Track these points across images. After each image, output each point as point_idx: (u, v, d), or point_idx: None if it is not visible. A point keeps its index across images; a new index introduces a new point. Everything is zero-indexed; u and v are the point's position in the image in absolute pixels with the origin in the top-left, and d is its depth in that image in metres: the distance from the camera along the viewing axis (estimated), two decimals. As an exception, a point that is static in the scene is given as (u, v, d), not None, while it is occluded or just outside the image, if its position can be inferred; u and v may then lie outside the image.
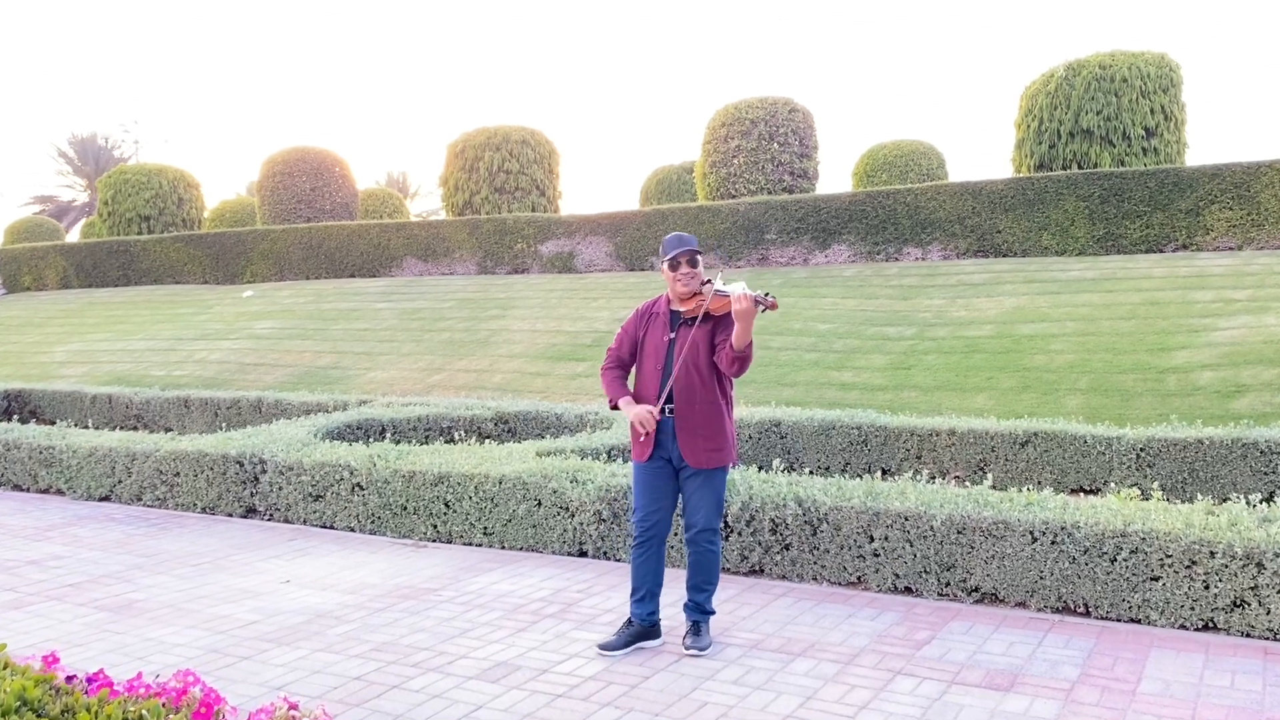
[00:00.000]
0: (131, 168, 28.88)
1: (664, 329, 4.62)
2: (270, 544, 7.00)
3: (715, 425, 4.56)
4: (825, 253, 18.63)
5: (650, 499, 4.67)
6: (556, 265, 20.86)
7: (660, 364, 4.59)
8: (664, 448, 4.63)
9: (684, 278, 4.53)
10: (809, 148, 21.13)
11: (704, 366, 4.53)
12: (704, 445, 4.55)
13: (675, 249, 4.54)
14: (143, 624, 5.21)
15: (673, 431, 4.58)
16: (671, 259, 4.55)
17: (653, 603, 4.73)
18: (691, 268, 4.54)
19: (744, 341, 4.32)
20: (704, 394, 4.54)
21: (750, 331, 4.32)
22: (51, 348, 19.69)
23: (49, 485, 8.91)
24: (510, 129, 23.35)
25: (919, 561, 5.53)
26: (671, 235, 4.62)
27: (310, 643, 4.90)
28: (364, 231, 23.03)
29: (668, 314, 4.66)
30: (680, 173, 30.01)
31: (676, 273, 4.55)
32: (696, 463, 4.55)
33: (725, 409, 4.62)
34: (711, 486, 4.62)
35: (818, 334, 14.01)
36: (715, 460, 4.58)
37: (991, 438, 8.53)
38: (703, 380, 4.54)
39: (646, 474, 4.67)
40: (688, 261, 4.54)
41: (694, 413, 4.53)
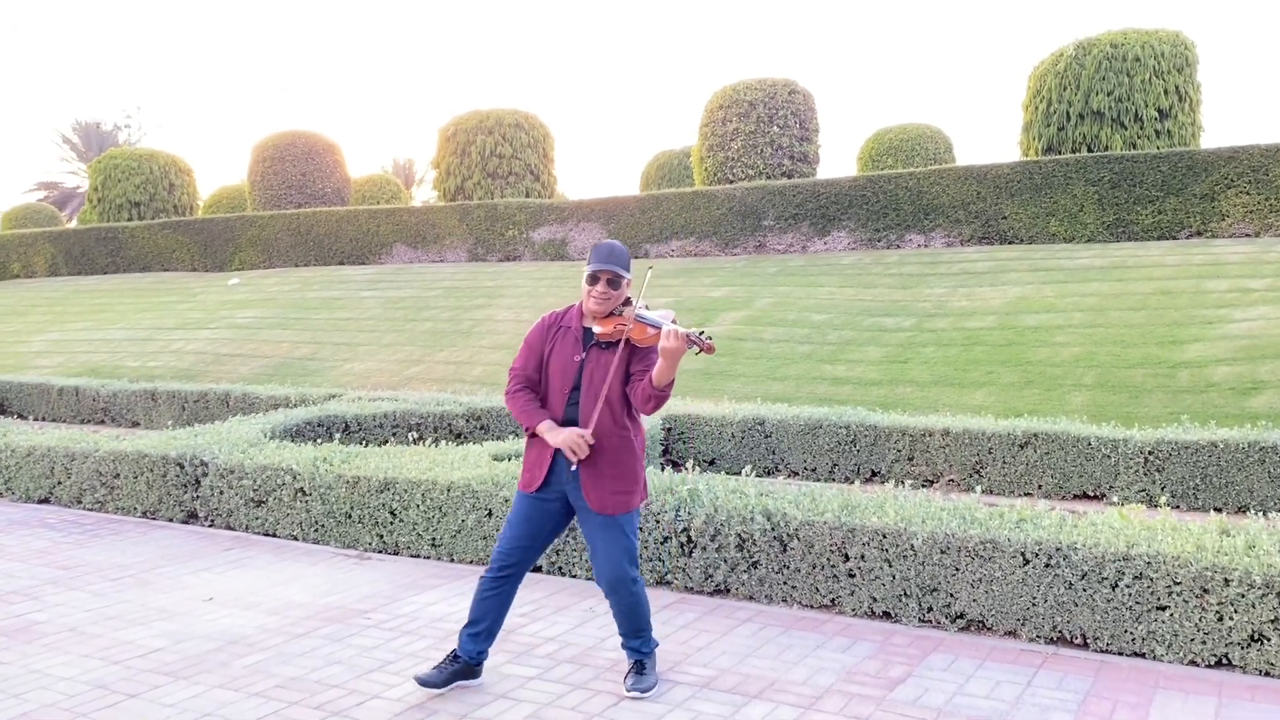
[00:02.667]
0: (121, 152, 28.38)
1: (574, 347, 4.00)
2: (205, 554, 6.48)
3: (625, 465, 3.99)
4: (824, 240, 18.03)
5: (523, 533, 4.07)
6: (549, 252, 20.29)
7: (568, 387, 3.98)
8: (560, 484, 4.03)
9: (599, 297, 3.92)
10: (809, 131, 20.50)
11: (616, 397, 3.94)
12: (611, 487, 3.95)
13: (596, 263, 3.93)
14: (35, 652, 4.70)
15: (575, 470, 3.97)
16: (590, 273, 3.95)
17: (488, 641, 4.17)
18: (610, 289, 3.92)
19: (665, 380, 3.78)
20: (614, 428, 3.95)
21: (675, 370, 3.78)
22: (30, 337, 19.23)
23: (-13, 486, 8.41)
24: (503, 112, 22.76)
25: (898, 584, 4.98)
26: (604, 243, 4.00)
27: (212, 676, 4.37)
28: (353, 218, 22.50)
29: (579, 331, 4.03)
30: (681, 157, 29.42)
31: (593, 288, 3.94)
32: (602, 508, 3.94)
33: (637, 446, 4.05)
34: (621, 532, 4.00)
35: (812, 325, 13.44)
36: (623, 504, 3.99)
37: (988, 439, 7.96)
38: (613, 412, 3.94)
39: (530, 507, 4.07)
40: (607, 282, 3.92)
41: (602, 449, 3.93)
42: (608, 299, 3.92)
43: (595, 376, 3.92)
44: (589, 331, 4.00)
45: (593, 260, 3.95)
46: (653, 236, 19.38)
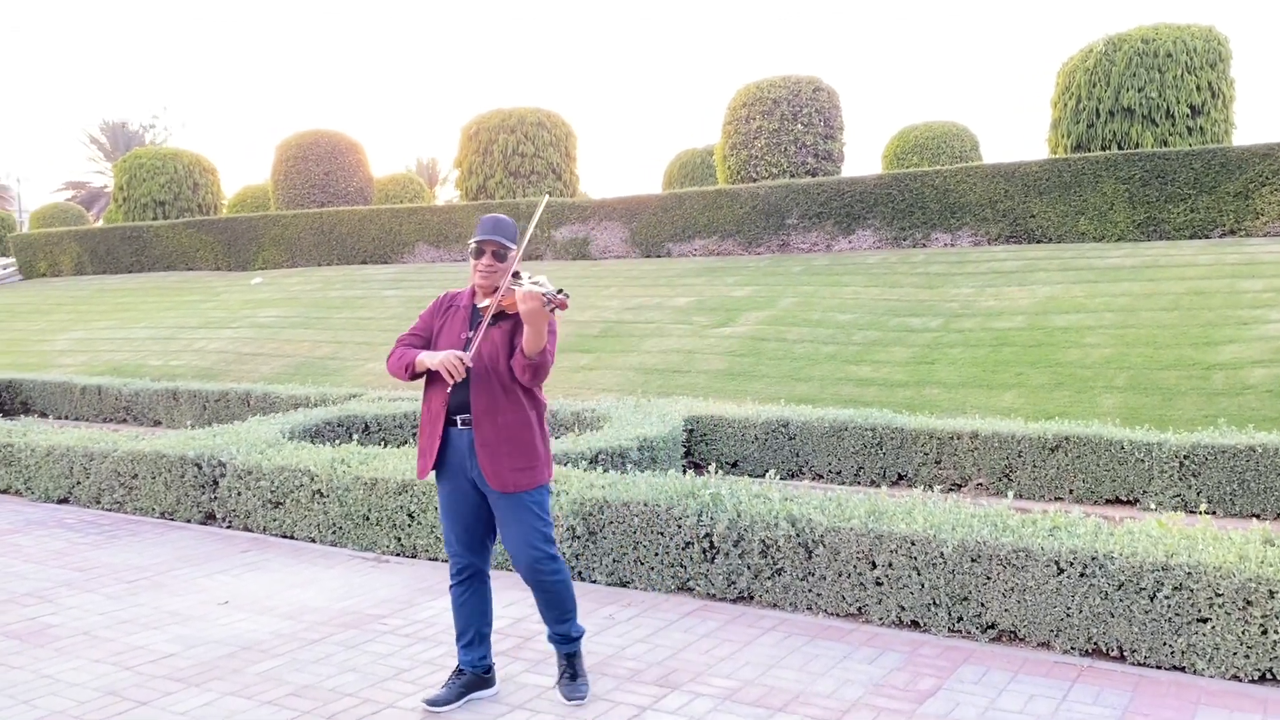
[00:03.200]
0: (146, 151, 28.51)
1: (463, 325, 3.89)
2: (221, 556, 6.41)
3: (522, 440, 3.83)
4: (849, 238, 17.83)
5: (454, 529, 3.97)
6: (570, 251, 20.19)
7: None
8: (462, 468, 3.89)
9: (484, 270, 3.81)
10: (834, 129, 20.29)
11: (504, 372, 3.81)
12: (509, 464, 3.80)
13: (480, 234, 3.83)
14: (47, 656, 4.63)
15: (470, 447, 3.84)
16: (475, 245, 3.83)
17: (483, 646, 4.08)
18: (496, 261, 3.81)
19: (535, 346, 3.63)
20: (507, 404, 3.81)
21: (543, 335, 3.62)
22: (55, 336, 19.32)
23: (8, 485, 8.39)
24: (525, 110, 22.67)
25: (927, 593, 4.83)
26: (490, 216, 3.93)
27: (225, 683, 4.29)
28: (375, 217, 22.48)
29: (469, 308, 3.93)
30: (704, 156, 29.26)
31: (478, 261, 3.82)
32: (502, 485, 3.80)
33: (535, 420, 3.90)
34: (530, 511, 3.85)
35: (837, 325, 13.26)
36: (525, 481, 3.84)
37: (1018, 442, 7.78)
38: (504, 388, 3.81)
39: (446, 497, 3.96)
40: (492, 253, 3.81)
41: (495, 426, 3.80)
42: (493, 271, 3.81)
43: (483, 352, 3.79)
44: (477, 309, 3.90)
45: (477, 232, 3.86)
46: (675, 235, 19.24)
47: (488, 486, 3.83)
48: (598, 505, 5.66)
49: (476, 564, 4.02)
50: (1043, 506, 7.40)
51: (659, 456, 7.84)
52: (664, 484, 5.72)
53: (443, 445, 3.87)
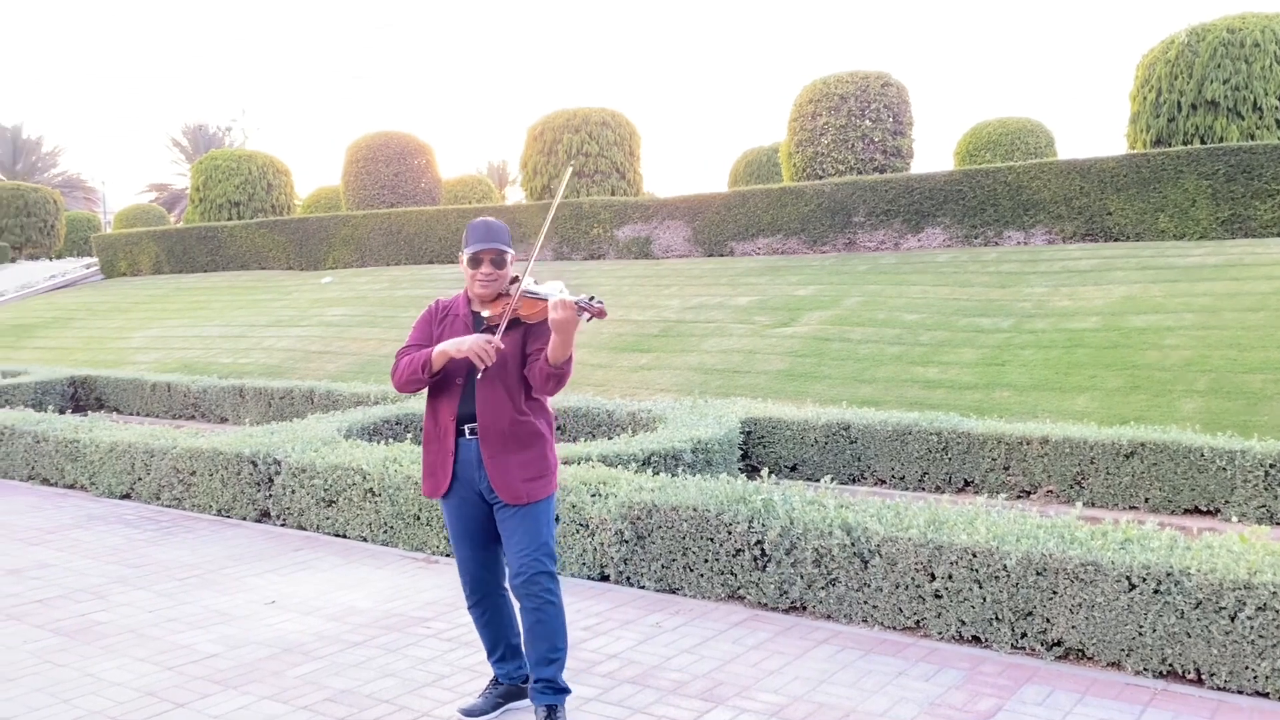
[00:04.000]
0: (222, 154, 29.13)
1: (465, 332, 3.68)
2: (273, 554, 6.41)
3: (532, 450, 3.68)
4: (918, 236, 17.43)
5: (466, 550, 3.80)
6: (633, 250, 20.08)
7: (462, 376, 3.66)
8: (469, 479, 3.70)
9: (484, 279, 3.64)
10: (903, 124, 19.87)
11: (514, 381, 3.64)
12: (519, 475, 3.64)
13: (476, 243, 3.64)
14: (93, 654, 4.64)
15: (478, 458, 3.66)
16: (472, 255, 3.65)
17: (516, 658, 3.93)
18: (495, 269, 3.65)
19: (563, 355, 3.47)
20: (515, 414, 3.65)
21: (571, 344, 3.47)
22: (131, 333, 19.79)
23: (74, 481, 8.53)
24: (590, 110, 22.63)
25: (989, 607, 4.59)
26: (479, 221, 3.73)
27: (263, 686, 4.24)
28: (442, 217, 22.64)
29: (469, 316, 3.73)
30: (770, 154, 29.00)
31: (476, 271, 3.65)
32: (513, 496, 3.63)
33: (544, 429, 3.75)
34: (537, 521, 3.67)
35: (903, 325, 12.94)
36: (535, 492, 3.67)
37: (1090, 448, 7.45)
38: (512, 397, 3.64)
39: (455, 516, 3.77)
40: (491, 261, 3.64)
41: (505, 436, 3.64)
42: (493, 280, 3.65)
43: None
44: (478, 316, 3.70)
45: (471, 241, 3.66)
46: (739, 234, 19.02)
47: (496, 498, 3.67)
48: (646, 509, 5.52)
49: (492, 583, 3.86)
50: (1116, 515, 7.07)
51: (714, 459, 7.67)
52: (714, 488, 5.56)
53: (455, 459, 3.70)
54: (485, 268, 3.64)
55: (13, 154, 71.58)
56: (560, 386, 3.58)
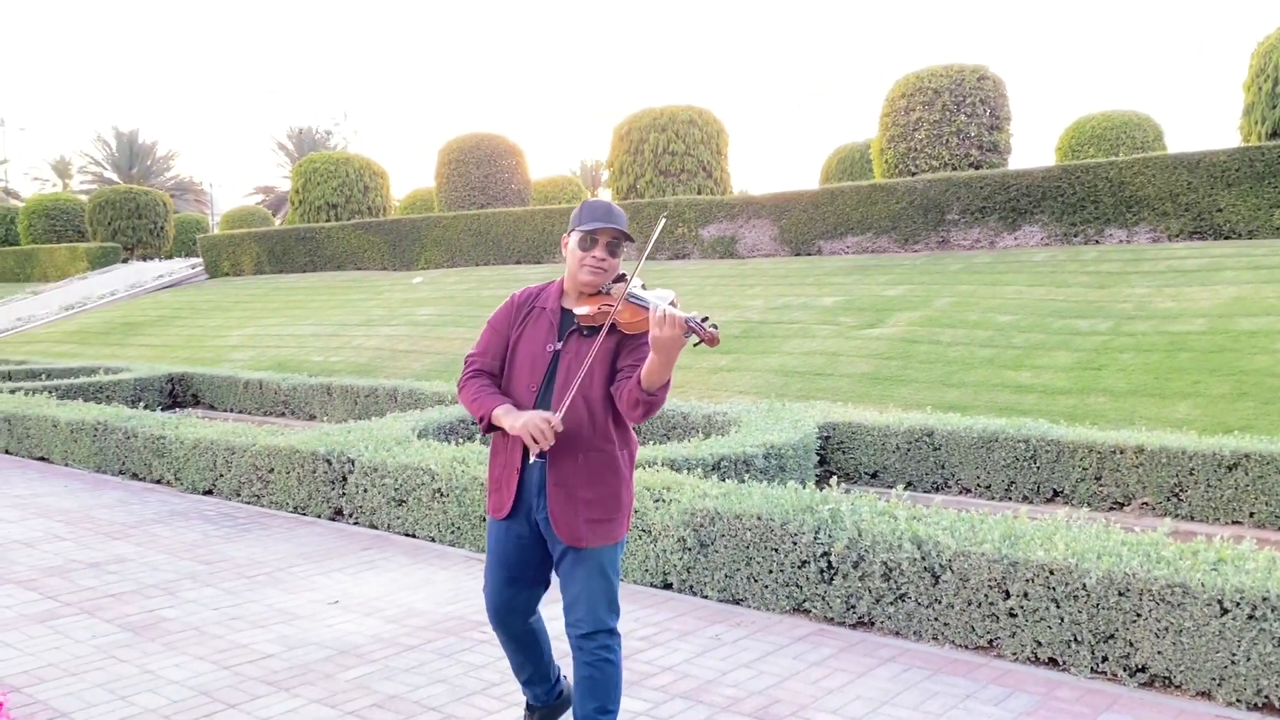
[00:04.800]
0: (320, 157, 29.86)
1: (548, 334, 3.16)
2: (342, 553, 6.45)
3: (605, 486, 3.13)
4: (1014, 234, 16.86)
5: (502, 575, 3.28)
6: (718, 250, 19.88)
7: (536, 384, 3.13)
8: (527, 507, 3.18)
9: (594, 265, 3.09)
10: (1000, 119, 19.25)
11: (598, 398, 3.09)
12: (585, 514, 3.10)
13: (593, 220, 3.09)
14: (155, 651, 4.69)
15: (540, 486, 3.14)
16: (587, 232, 3.10)
17: (547, 680, 3.54)
18: (610, 255, 3.12)
19: (660, 380, 2.91)
20: (592, 438, 3.10)
21: (671, 368, 2.91)
22: (230, 331, 20.38)
23: (160, 476, 8.76)
24: (677, 109, 22.51)
25: (1067, 628, 4.32)
26: (597, 200, 3.19)
27: (314, 689, 4.22)
28: (529, 218, 22.79)
29: (557, 312, 3.18)
30: (864, 150, 28.48)
31: (588, 254, 3.10)
32: (571, 538, 3.09)
33: (624, 462, 3.19)
34: (598, 569, 3.14)
35: (996, 327, 12.48)
36: (600, 536, 3.12)
37: (1189, 458, 7.03)
38: (593, 417, 3.09)
39: (501, 539, 3.26)
40: (607, 245, 3.11)
41: (575, 464, 3.09)
42: (605, 268, 3.11)
43: (574, 370, 3.07)
44: (568, 315, 3.15)
45: (586, 218, 3.11)
46: (826, 233, 18.66)
47: (552, 534, 3.15)
48: (709, 516, 5.37)
49: (518, 618, 3.35)
50: (1216, 531, 6.65)
51: (788, 465, 7.47)
52: (780, 496, 5.38)
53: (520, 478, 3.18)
54: (599, 251, 3.09)
55: (129, 158, 74.77)
56: (649, 415, 3.00)
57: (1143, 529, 4.69)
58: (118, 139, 75.08)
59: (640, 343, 3.07)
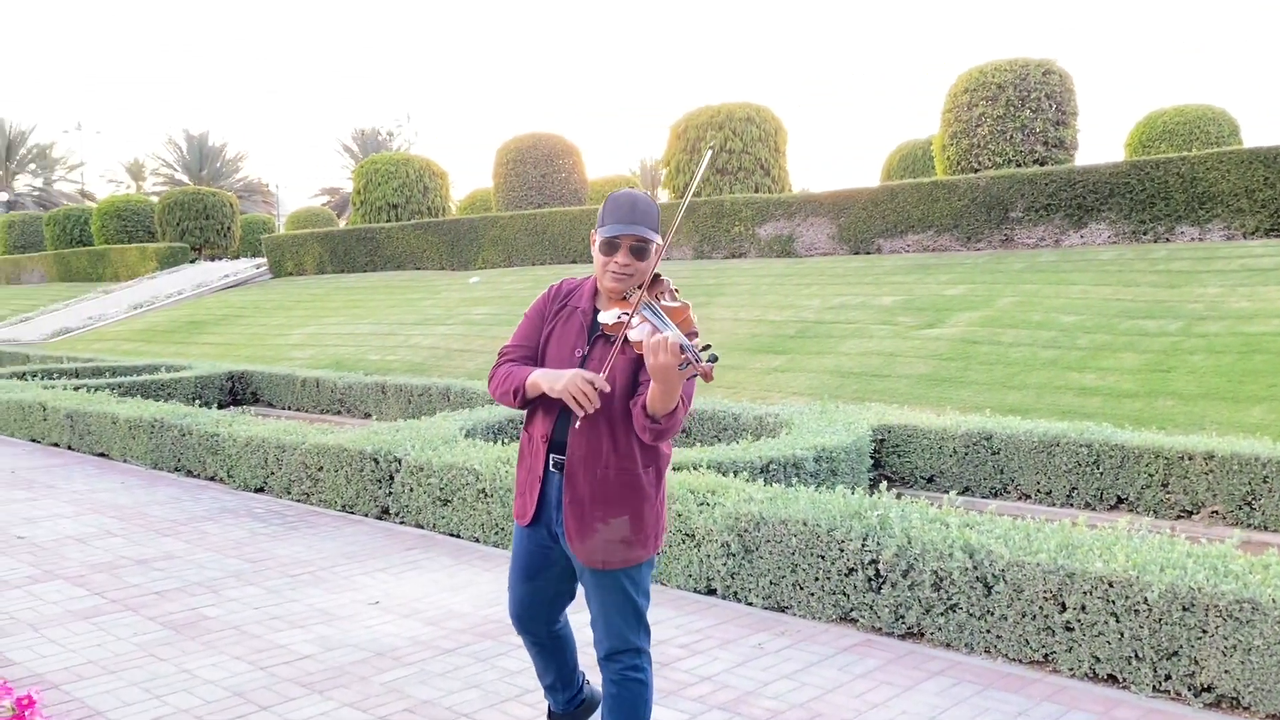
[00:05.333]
0: (381, 158, 30.18)
1: (578, 337, 2.96)
2: (386, 553, 6.42)
3: (625, 505, 2.90)
4: (1080, 233, 16.40)
5: (524, 581, 3.15)
6: (775, 249, 19.65)
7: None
8: (548, 517, 3.00)
9: (618, 272, 2.87)
10: (1066, 114, 18.75)
11: (619, 412, 2.88)
12: (604, 534, 2.89)
13: (614, 223, 2.85)
14: (194, 650, 4.69)
15: (559, 499, 2.95)
16: (607, 239, 2.88)
17: (570, 686, 3.40)
18: (636, 259, 2.87)
19: (664, 408, 2.72)
20: (611, 454, 2.89)
21: (674, 396, 2.70)
22: (291, 330, 20.66)
23: (214, 473, 8.84)
24: (734, 106, 22.31)
25: (1127, 644, 4.11)
26: (623, 194, 2.91)
27: (347, 692, 4.18)
28: (585, 217, 22.77)
29: (589, 314, 2.97)
30: (926, 147, 27.99)
31: (609, 259, 2.89)
32: (587, 559, 2.91)
33: (651, 479, 2.95)
34: (623, 592, 2.96)
35: (1060, 327, 12.13)
36: (619, 558, 2.91)
37: (1263, 465, 6.71)
38: (614, 433, 2.88)
39: (524, 545, 3.11)
40: (630, 250, 2.86)
41: (592, 482, 2.89)
42: (629, 274, 2.87)
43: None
44: (599, 320, 2.91)
45: (608, 220, 2.86)
46: (886, 231, 18.34)
47: (570, 553, 2.99)
48: (753, 521, 5.23)
49: (542, 627, 3.24)
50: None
51: (839, 469, 7.29)
52: (827, 501, 5.22)
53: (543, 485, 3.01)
54: (622, 256, 2.86)
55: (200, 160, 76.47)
56: (661, 439, 2.83)
57: (1211, 540, 4.44)
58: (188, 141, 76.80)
59: None
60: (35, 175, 75.40)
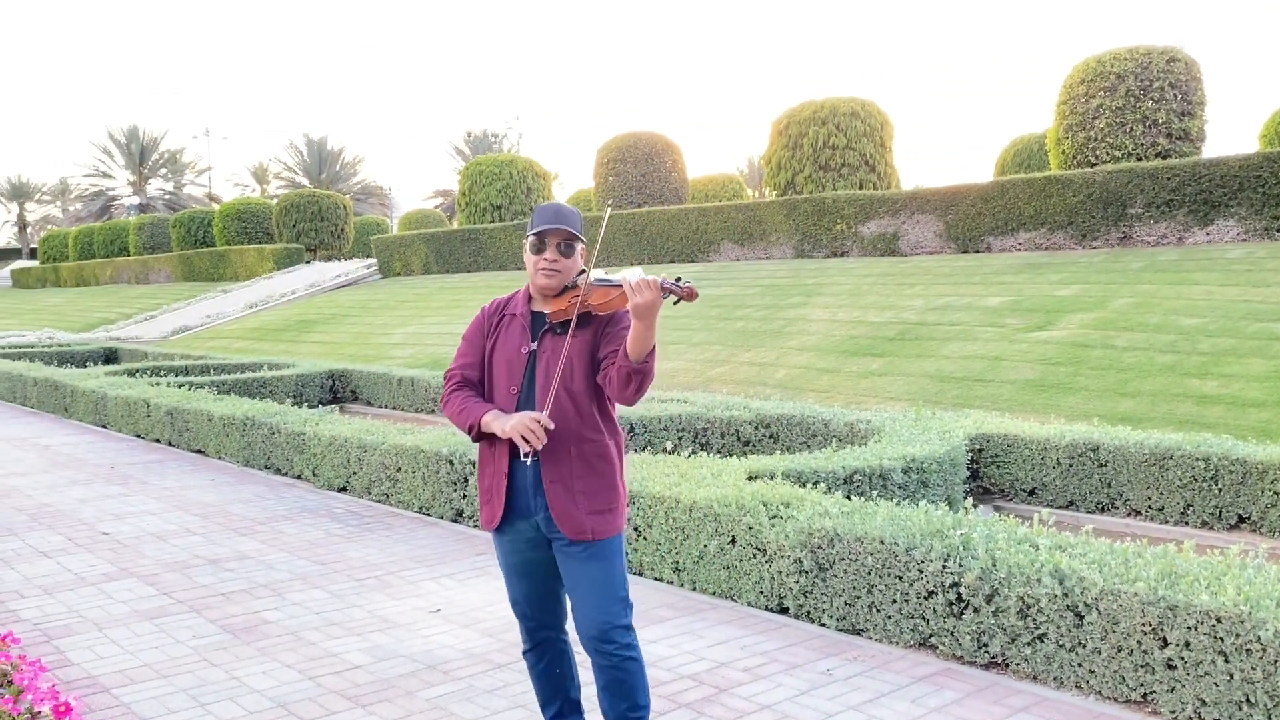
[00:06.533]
0: (485, 159, 30.51)
1: (521, 336, 3.18)
2: (455, 558, 6.31)
3: (601, 476, 3.14)
4: (1206, 230, 15.42)
5: (524, 587, 3.30)
6: (879, 247, 19.08)
7: (517, 385, 3.13)
8: (525, 509, 3.15)
9: (547, 267, 3.11)
10: (1192, 104, 17.69)
11: (582, 391, 3.10)
12: (585, 505, 3.10)
13: (542, 223, 3.12)
14: (247, 656, 4.63)
15: (536, 485, 3.11)
16: (536, 236, 3.13)
17: (576, 713, 3.45)
18: (563, 256, 3.12)
19: (645, 348, 2.91)
20: (580, 429, 3.11)
21: (654, 333, 2.92)
22: (394, 329, 20.99)
23: (300, 472, 8.92)
24: (837, 101, 21.75)
25: (1237, 686, 3.68)
26: (547, 204, 3.22)
27: (391, 707, 4.04)
28: (683, 216, 22.54)
29: (527, 315, 3.21)
30: (1042, 141, 26.90)
31: (540, 257, 3.12)
32: (576, 531, 3.09)
33: (614, 451, 3.20)
34: (609, 564, 3.15)
35: (1179, 330, 11.37)
36: (603, 527, 3.12)
37: (1407, 485, 6.06)
38: (580, 411, 3.11)
39: (509, 552, 3.26)
40: (558, 246, 3.12)
41: (568, 458, 3.09)
42: (559, 269, 3.12)
43: (552, 367, 3.08)
44: (539, 316, 3.19)
45: (536, 223, 3.14)
46: (996, 229, 17.61)
47: (557, 533, 3.13)
48: (827, 537, 4.92)
49: (552, 626, 3.37)
50: None
51: (930, 480, 6.89)
52: (907, 518, 4.88)
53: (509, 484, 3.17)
54: (550, 253, 3.12)
55: (319, 164, 78.94)
56: (644, 389, 3.00)
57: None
58: (308, 145, 79.37)
59: (618, 328, 3.11)
60: (166, 179, 78.95)
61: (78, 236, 52.00)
